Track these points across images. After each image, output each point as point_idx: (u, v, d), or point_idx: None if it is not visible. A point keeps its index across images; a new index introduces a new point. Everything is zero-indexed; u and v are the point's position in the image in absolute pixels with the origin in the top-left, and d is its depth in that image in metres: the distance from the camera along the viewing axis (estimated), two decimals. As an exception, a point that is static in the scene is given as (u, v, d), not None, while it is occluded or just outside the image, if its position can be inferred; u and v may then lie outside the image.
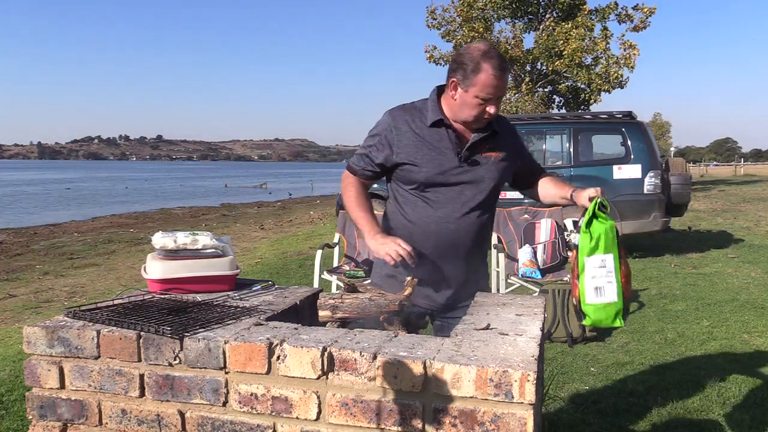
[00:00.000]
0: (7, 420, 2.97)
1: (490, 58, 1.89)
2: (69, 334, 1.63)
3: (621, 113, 8.12)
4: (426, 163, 2.01)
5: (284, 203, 23.63)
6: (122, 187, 39.64)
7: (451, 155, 2.01)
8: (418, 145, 2.01)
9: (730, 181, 31.00)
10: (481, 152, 2.04)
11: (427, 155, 2.01)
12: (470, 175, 2.03)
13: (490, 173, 2.05)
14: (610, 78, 18.57)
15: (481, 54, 1.90)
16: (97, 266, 8.28)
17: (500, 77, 1.89)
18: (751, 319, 4.86)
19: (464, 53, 1.94)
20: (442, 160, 2.01)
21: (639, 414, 3.03)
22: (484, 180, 2.05)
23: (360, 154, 2.13)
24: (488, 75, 1.88)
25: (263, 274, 6.92)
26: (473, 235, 2.08)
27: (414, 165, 2.01)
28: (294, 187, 38.24)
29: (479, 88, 1.90)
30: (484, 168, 2.04)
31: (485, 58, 1.89)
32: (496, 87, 1.90)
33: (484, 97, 1.91)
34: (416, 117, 2.04)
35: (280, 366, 1.48)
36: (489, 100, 1.92)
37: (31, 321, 5.07)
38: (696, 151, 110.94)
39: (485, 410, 1.35)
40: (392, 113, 2.07)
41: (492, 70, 1.88)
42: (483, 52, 1.90)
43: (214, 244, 2.09)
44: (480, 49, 1.92)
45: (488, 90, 1.90)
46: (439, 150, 2.01)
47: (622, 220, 7.72)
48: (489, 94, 1.91)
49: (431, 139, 2.01)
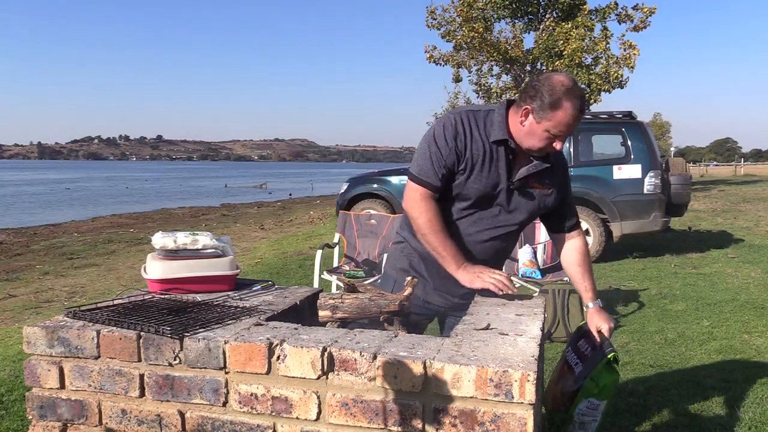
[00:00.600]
0: (7, 420, 2.97)
1: (574, 97, 1.80)
2: (69, 334, 1.63)
3: (621, 113, 8.12)
4: (484, 179, 1.94)
5: (284, 203, 23.63)
6: (123, 187, 39.65)
7: (503, 176, 1.94)
8: (485, 158, 1.93)
9: (730, 181, 31.00)
10: (530, 182, 1.98)
11: (486, 172, 1.94)
12: (512, 201, 1.99)
13: (530, 206, 2.01)
14: (610, 78, 18.55)
15: (565, 91, 1.80)
16: (97, 266, 8.27)
17: (578, 117, 1.82)
18: (751, 319, 4.86)
19: (545, 83, 1.83)
20: (494, 178, 1.94)
21: (639, 414, 3.03)
22: (521, 211, 2.01)
23: (430, 162, 1.92)
24: (567, 114, 1.81)
25: (263, 274, 6.92)
26: (497, 257, 2.08)
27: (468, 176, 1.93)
28: (294, 187, 38.25)
29: (553, 123, 1.82)
30: (526, 199, 1.99)
31: (568, 97, 1.80)
32: (571, 126, 1.83)
33: (555, 133, 1.84)
34: (482, 127, 1.94)
35: (280, 366, 1.48)
36: (559, 136, 1.85)
37: (31, 321, 5.07)
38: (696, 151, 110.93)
39: (485, 410, 1.35)
40: (464, 116, 1.95)
41: (572, 110, 1.80)
42: (567, 89, 1.81)
43: (214, 244, 2.09)
44: (564, 84, 1.82)
45: (562, 128, 1.83)
46: (493, 168, 1.94)
47: (622, 220, 7.72)
48: (561, 132, 1.84)
49: (490, 155, 1.93)
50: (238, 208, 20.62)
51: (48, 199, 26.29)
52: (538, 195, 2.01)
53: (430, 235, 1.93)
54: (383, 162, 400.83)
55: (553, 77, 1.84)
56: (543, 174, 1.99)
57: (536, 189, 2.00)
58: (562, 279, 4.77)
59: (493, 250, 2.05)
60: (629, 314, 5.08)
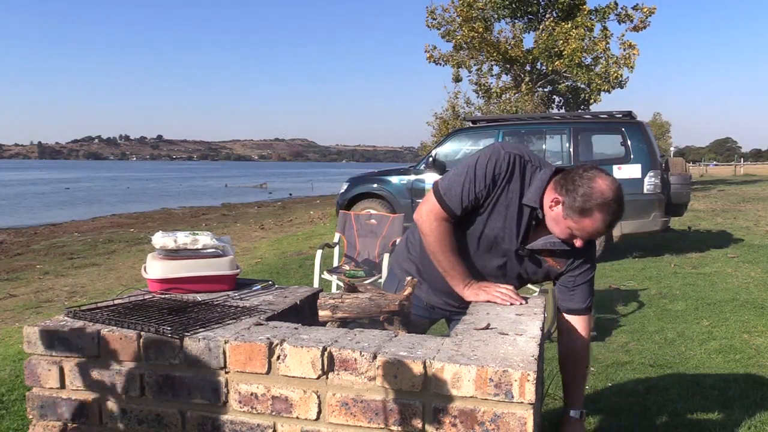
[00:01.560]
0: (7, 420, 2.97)
1: (607, 212, 1.71)
2: (69, 334, 1.63)
3: (621, 113, 8.12)
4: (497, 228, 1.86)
5: (284, 203, 23.63)
6: (124, 186, 39.65)
7: (515, 237, 1.86)
8: (508, 208, 1.84)
9: (730, 180, 30.99)
10: (543, 253, 1.90)
11: (502, 222, 1.85)
12: (514, 264, 1.92)
13: (533, 274, 1.95)
14: (610, 78, 18.56)
15: (601, 203, 1.70)
16: (98, 266, 8.27)
17: (604, 230, 1.75)
18: (751, 318, 4.86)
19: (585, 184, 1.72)
20: (508, 233, 1.86)
21: (639, 414, 3.03)
22: (526, 274, 1.95)
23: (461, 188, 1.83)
24: (594, 224, 1.73)
25: (263, 273, 6.92)
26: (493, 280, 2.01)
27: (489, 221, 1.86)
28: (294, 187, 38.25)
29: (578, 227, 1.75)
30: (532, 267, 1.93)
31: (601, 209, 1.71)
32: (594, 235, 1.76)
33: (577, 235, 1.78)
34: (524, 179, 1.83)
35: (280, 366, 1.48)
36: (581, 238, 1.79)
37: (31, 321, 5.07)
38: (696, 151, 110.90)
39: (485, 410, 1.35)
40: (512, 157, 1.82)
41: (600, 223, 1.72)
42: (603, 201, 1.70)
43: (214, 244, 2.09)
44: (603, 195, 1.70)
45: (585, 234, 1.76)
46: (513, 227, 1.85)
47: (622, 219, 7.70)
48: (584, 236, 1.77)
49: (515, 211, 1.83)
50: (238, 208, 20.62)
51: (48, 199, 26.30)
52: (549, 267, 1.93)
53: (440, 254, 1.89)
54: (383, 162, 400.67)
55: (597, 180, 1.72)
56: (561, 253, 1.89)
57: (548, 262, 1.92)
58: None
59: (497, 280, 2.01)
60: (629, 314, 5.08)
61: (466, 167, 1.85)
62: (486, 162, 1.82)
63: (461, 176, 1.84)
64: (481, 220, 1.87)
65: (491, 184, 1.82)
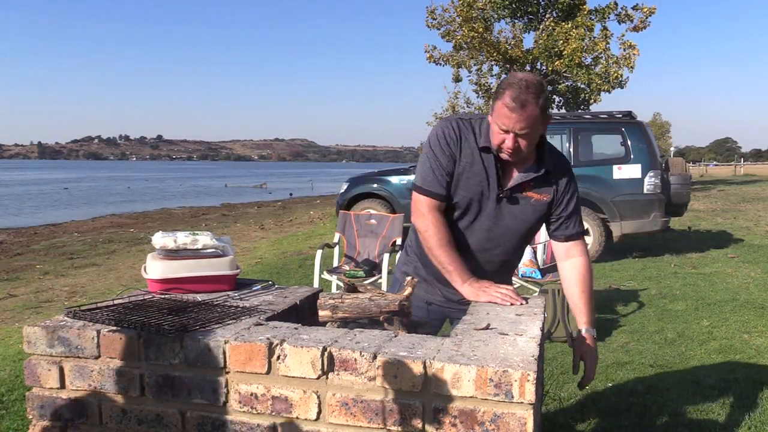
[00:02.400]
0: (7, 420, 2.97)
1: (510, 87, 1.75)
2: (69, 334, 1.63)
3: (621, 113, 8.12)
4: (470, 187, 1.91)
5: (284, 203, 23.63)
6: (125, 186, 39.65)
7: (494, 186, 1.90)
8: (472, 165, 1.89)
9: (730, 181, 30.99)
10: (525, 190, 1.92)
11: (473, 179, 1.90)
12: (506, 214, 1.93)
13: (525, 215, 1.94)
14: (610, 78, 18.55)
15: (509, 80, 1.77)
16: (97, 266, 8.27)
17: (515, 110, 1.73)
18: (751, 319, 4.86)
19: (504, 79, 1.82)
20: (485, 188, 1.90)
21: (639, 414, 3.03)
22: (517, 221, 1.95)
23: (431, 171, 1.91)
24: (502, 104, 1.76)
25: (263, 274, 6.92)
26: (495, 268, 2.02)
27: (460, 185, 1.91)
28: (294, 187, 38.25)
29: (496, 114, 1.79)
30: (519, 209, 1.93)
31: (509, 86, 1.75)
32: (508, 118, 1.75)
33: (502, 128, 1.78)
34: (472, 133, 1.91)
35: (280, 366, 1.48)
36: (507, 132, 1.78)
37: (31, 321, 5.07)
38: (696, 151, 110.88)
39: (485, 410, 1.35)
40: (454, 123, 1.93)
41: (508, 100, 1.74)
42: (512, 80, 1.76)
43: (214, 244, 2.09)
44: (516, 76, 1.78)
45: (502, 119, 1.77)
46: (484, 177, 1.90)
47: (622, 220, 7.72)
48: (504, 125, 1.77)
49: (480, 162, 1.89)
50: (238, 208, 20.62)
51: (48, 199, 26.29)
52: (535, 203, 1.94)
53: (437, 249, 1.91)
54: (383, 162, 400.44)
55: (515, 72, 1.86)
56: (539, 181, 1.92)
57: (533, 197, 1.93)
58: (562, 279, 4.76)
59: (498, 261, 2.02)
60: (629, 314, 5.08)
61: (425, 155, 1.95)
62: (437, 137, 1.92)
63: (426, 163, 1.93)
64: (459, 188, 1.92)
65: (451, 152, 1.90)
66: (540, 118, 1.78)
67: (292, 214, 17.57)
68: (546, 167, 1.91)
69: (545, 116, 1.81)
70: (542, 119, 1.80)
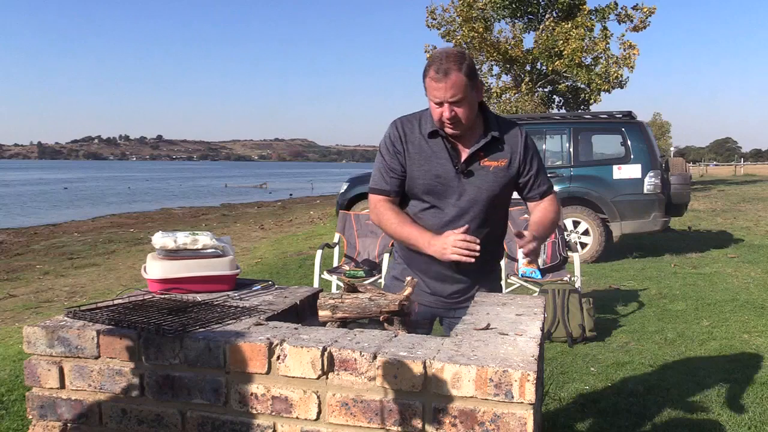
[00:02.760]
0: (7, 420, 2.97)
1: (432, 61, 1.88)
2: (69, 334, 1.63)
3: (621, 113, 8.12)
4: (424, 175, 2.00)
5: (284, 203, 23.63)
6: (125, 186, 39.66)
7: (449, 166, 1.98)
8: (421, 154, 2.00)
9: (730, 181, 30.99)
10: (482, 161, 1.99)
11: (426, 167, 2.00)
12: (469, 188, 1.99)
13: (487, 184, 2.00)
14: (610, 78, 18.57)
15: (431, 58, 1.91)
16: (97, 266, 8.27)
17: (440, 80, 1.84)
18: (751, 319, 4.86)
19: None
20: (440, 170, 1.99)
21: (639, 414, 3.03)
22: (482, 191, 2.00)
23: (379, 171, 2.06)
24: (429, 78, 1.88)
25: (263, 274, 6.92)
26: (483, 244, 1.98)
27: (414, 174, 2.00)
28: (294, 187, 38.25)
29: (428, 91, 1.91)
30: (480, 179, 1.99)
31: (431, 62, 1.88)
32: (438, 89, 1.86)
33: (436, 101, 1.89)
34: (417, 127, 2.02)
35: (280, 366, 1.48)
36: (440, 104, 1.89)
37: (31, 321, 5.07)
38: (696, 151, 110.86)
39: (485, 410, 1.35)
40: (398, 123, 2.05)
41: (432, 72, 1.86)
42: (433, 55, 1.90)
43: (214, 244, 2.09)
44: (435, 52, 1.92)
45: (433, 93, 1.88)
46: (439, 162, 1.99)
47: (621, 220, 7.72)
48: (436, 98, 1.88)
49: (430, 149, 1.99)
50: (238, 208, 20.62)
51: (48, 199, 26.29)
52: (495, 170, 2.00)
53: (397, 227, 2.02)
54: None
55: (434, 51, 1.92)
56: (491, 148, 1.99)
57: (490, 165, 1.99)
58: (562, 279, 4.77)
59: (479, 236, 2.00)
60: (629, 314, 5.08)
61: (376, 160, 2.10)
62: (383, 141, 2.07)
63: (375, 166, 2.09)
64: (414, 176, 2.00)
65: (395, 149, 2.02)
66: (468, 83, 1.87)
67: (292, 214, 17.57)
68: (492, 133, 1.99)
69: (474, 82, 1.89)
70: (471, 85, 1.88)
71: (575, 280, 4.82)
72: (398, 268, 2.18)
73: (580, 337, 4.28)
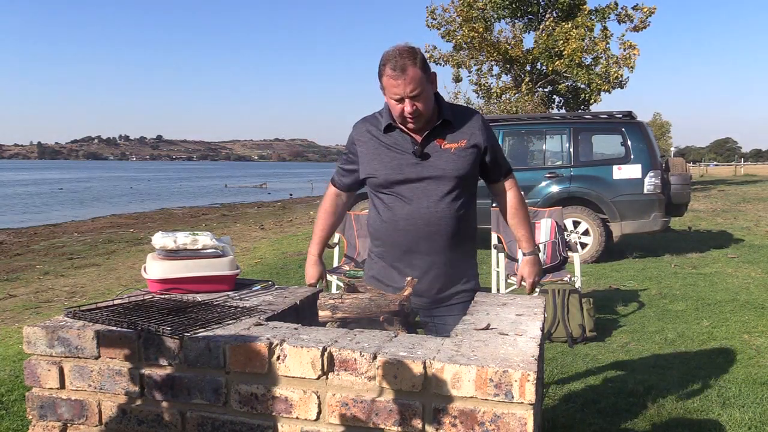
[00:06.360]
0: (7, 420, 2.97)
1: (387, 60, 1.93)
2: (69, 334, 1.63)
3: (621, 113, 8.12)
4: (384, 167, 2.06)
5: (284, 203, 23.62)
6: (127, 187, 39.64)
7: (408, 155, 2.05)
8: (379, 150, 2.08)
9: (730, 181, 30.99)
10: (439, 144, 2.05)
11: (385, 159, 2.07)
12: (430, 169, 2.04)
13: (450, 164, 2.04)
14: (610, 78, 18.55)
15: (384, 57, 1.95)
16: (97, 266, 8.27)
17: (398, 77, 1.89)
18: (751, 319, 4.86)
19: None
20: (400, 160, 2.05)
21: (639, 414, 3.03)
22: (445, 171, 2.04)
23: (337, 167, 2.26)
24: (387, 77, 1.93)
25: (263, 274, 6.92)
26: (447, 227, 2.05)
27: (374, 171, 2.08)
28: (294, 187, 38.23)
29: (386, 90, 1.96)
30: (443, 160, 2.04)
31: (386, 61, 1.93)
32: (397, 86, 1.91)
33: (394, 98, 1.94)
34: (374, 125, 2.11)
35: (280, 366, 1.48)
36: (400, 100, 1.94)
37: (31, 321, 5.07)
38: (696, 151, 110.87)
39: (485, 410, 1.35)
40: (355, 126, 2.16)
41: (389, 71, 1.91)
42: (384, 55, 1.95)
43: (214, 244, 2.09)
44: (387, 51, 1.96)
45: (393, 90, 1.93)
46: (396, 152, 2.05)
47: (622, 220, 7.72)
48: (395, 95, 1.93)
49: (388, 143, 2.07)
50: (238, 208, 20.62)
51: (48, 199, 26.29)
52: (456, 151, 2.04)
53: (316, 221, 2.36)
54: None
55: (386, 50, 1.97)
56: (445, 130, 2.05)
57: (451, 147, 2.04)
58: (562, 279, 4.77)
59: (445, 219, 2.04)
60: (629, 314, 5.08)
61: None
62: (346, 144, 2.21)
63: (340, 160, 2.26)
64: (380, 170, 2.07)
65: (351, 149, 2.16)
66: (424, 77, 1.93)
67: (292, 214, 17.57)
68: (445, 116, 2.05)
69: (428, 74, 1.96)
70: (427, 78, 1.95)
71: (575, 280, 4.82)
72: (375, 269, 2.18)
73: (581, 337, 4.28)
